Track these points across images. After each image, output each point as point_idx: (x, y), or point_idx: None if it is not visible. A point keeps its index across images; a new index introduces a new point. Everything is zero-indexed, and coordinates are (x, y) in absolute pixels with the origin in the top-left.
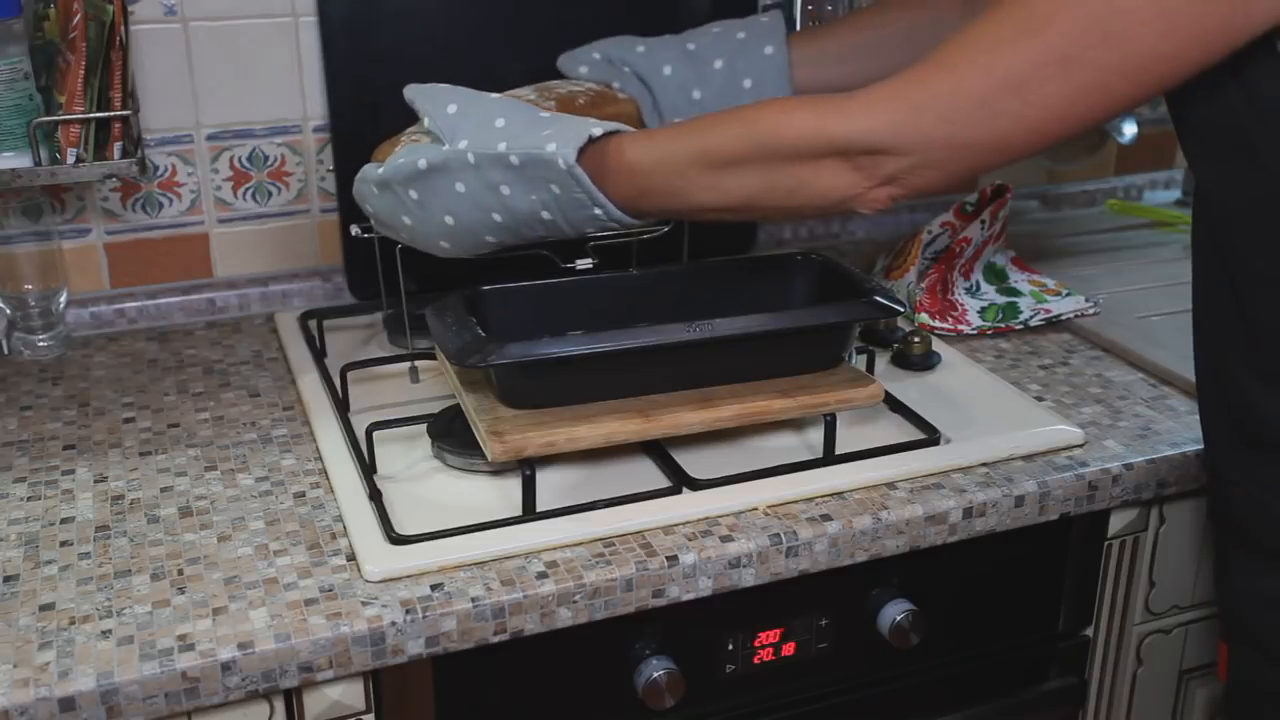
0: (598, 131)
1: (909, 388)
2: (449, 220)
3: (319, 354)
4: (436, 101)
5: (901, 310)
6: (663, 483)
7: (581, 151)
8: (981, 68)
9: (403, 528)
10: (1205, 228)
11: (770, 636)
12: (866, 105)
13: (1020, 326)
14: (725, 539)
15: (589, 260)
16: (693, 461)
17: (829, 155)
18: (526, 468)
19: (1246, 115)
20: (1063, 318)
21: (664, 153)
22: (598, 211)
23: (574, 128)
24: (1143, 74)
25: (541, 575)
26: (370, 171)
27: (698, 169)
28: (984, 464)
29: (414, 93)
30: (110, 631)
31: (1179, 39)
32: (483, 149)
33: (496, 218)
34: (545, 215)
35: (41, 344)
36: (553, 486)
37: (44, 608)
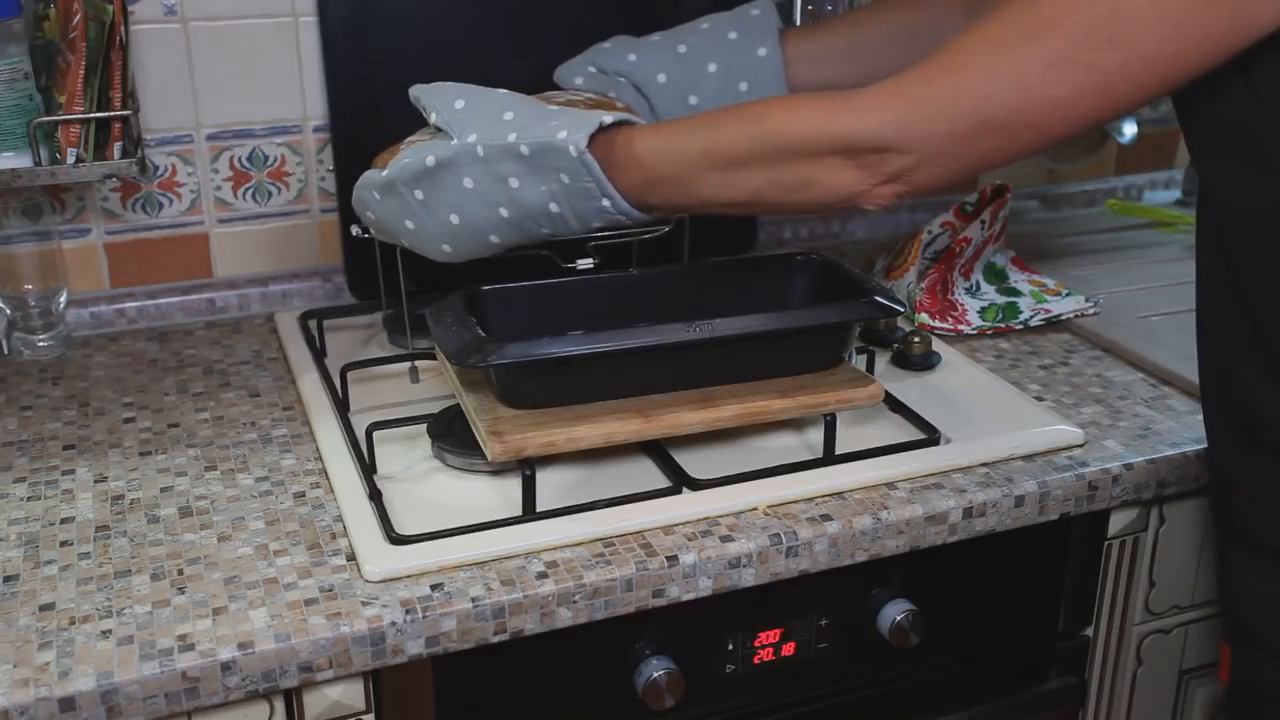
0: (608, 119)
1: (909, 388)
2: (454, 219)
3: (319, 354)
4: (444, 98)
5: (901, 310)
6: (663, 483)
7: (592, 139)
8: (985, 69)
9: (403, 528)
10: (1211, 228)
11: (770, 636)
12: (871, 103)
13: (1020, 326)
14: (725, 539)
15: (589, 260)
16: (693, 461)
17: (834, 153)
18: (526, 468)
19: (1253, 116)
20: (1063, 318)
21: (671, 147)
22: (605, 203)
23: (584, 117)
24: (1146, 76)
25: (541, 575)
26: (372, 177)
27: (704, 165)
28: (984, 464)
29: (420, 91)
30: (110, 631)
31: (1182, 41)
32: (492, 141)
33: (503, 213)
34: (553, 208)
35: (41, 344)
36: (553, 486)
37: (44, 608)
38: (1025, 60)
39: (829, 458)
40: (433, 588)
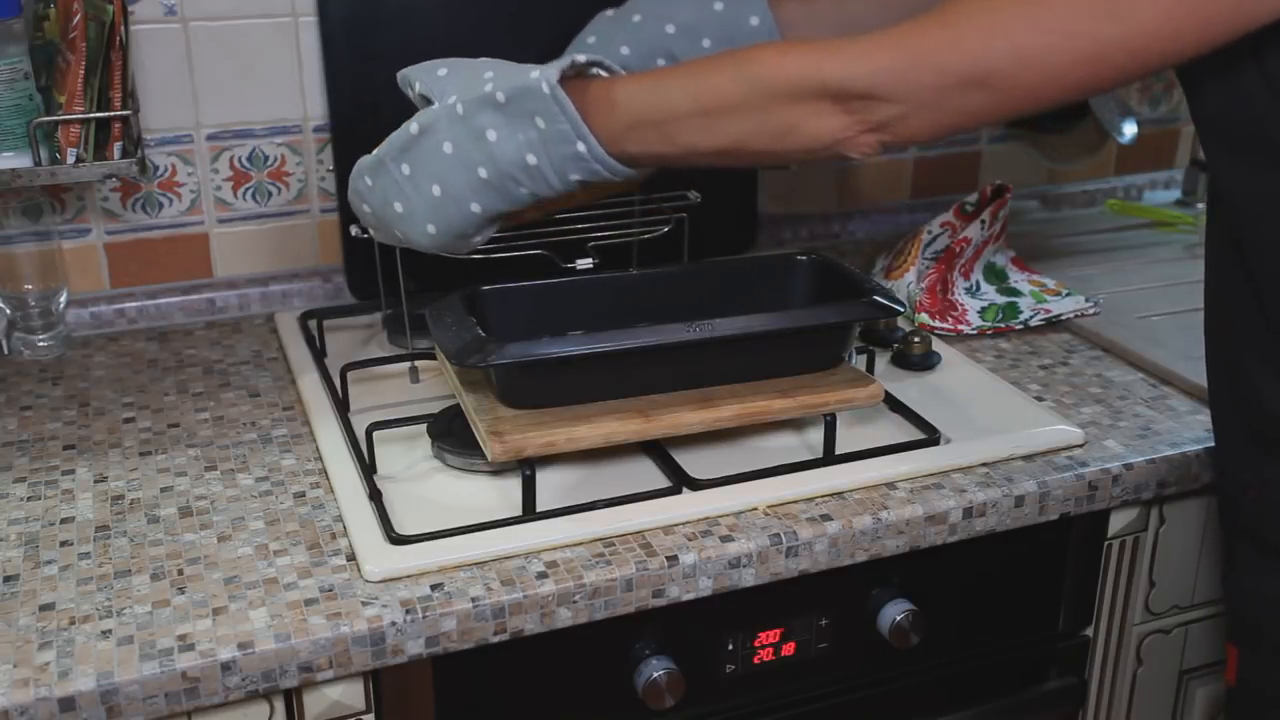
0: (581, 58)
1: (909, 388)
2: (436, 190)
3: (319, 354)
4: (427, 69)
5: (901, 310)
6: (663, 483)
7: (567, 80)
8: (982, 28)
9: (403, 528)
10: (1222, 224)
11: (770, 636)
12: (864, 51)
13: (1020, 326)
14: (725, 539)
15: (589, 260)
16: (693, 461)
17: (822, 98)
18: (526, 468)
19: (1267, 107)
20: (1063, 318)
21: (654, 91)
22: (580, 147)
23: (559, 61)
24: (1145, 51)
25: (541, 575)
26: (364, 161)
27: (687, 108)
28: (984, 464)
29: (405, 70)
30: (110, 631)
31: (1184, 20)
32: (470, 95)
33: (482, 173)
34: (530, 159)
35: (41, 344)
36: (553, 486)
37: (44, 608)
38: (1023, 23)
39: (829, 458)
40: (433, 588)
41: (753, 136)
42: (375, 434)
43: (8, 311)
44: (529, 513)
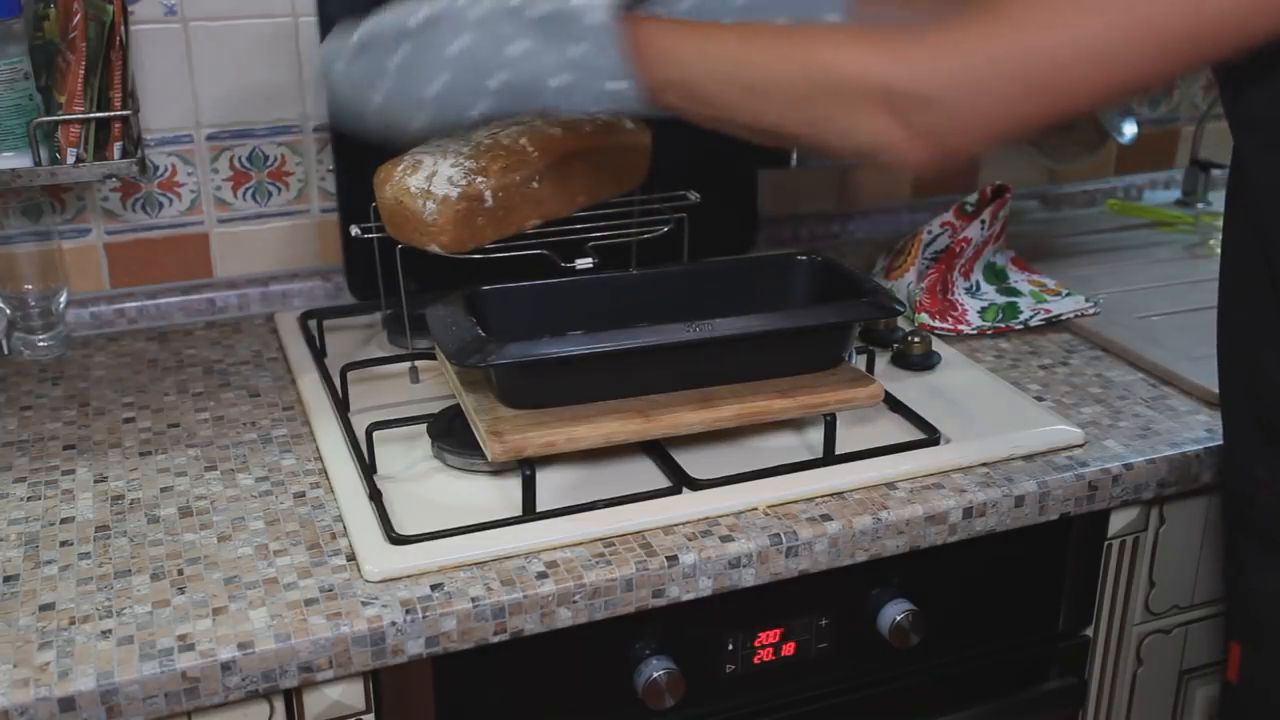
0: None
1: (909, 388)
2: (434, 88)
3: (319, 354)
4: None
5: (901, 310)
6: (663, 483)
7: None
8: (1061, 29)
9: (403, 528)
10: (1246, 220)
11: (770, 636)
12: (929, 55)
13: (1020, 326)
14: (725, 539)
15: (589, 260)
16: (693, 461)
17: (874, 100)
18: (526, 468)
19: None
20: (1063, 318)
21: (704, 52)
22: (620, 85)
23: None
24: (1218, 37)
25: (541, 575)
26: (337, 47)
27: (734, 80)
28: (984, 464)
29: None
30: (110, 631)
31: (1258, 4)
32: (495, 3)
33: (493, 84)
34: (553, 82)
35: (41, 344)
36: (553, 486)
37: (44, 608)
38: (1102, 22)
39: (829, 458)
40: (433, 588)
41: (796, 125)
42: (375, 434)
43: (8, 311)
44: (529, 513)
